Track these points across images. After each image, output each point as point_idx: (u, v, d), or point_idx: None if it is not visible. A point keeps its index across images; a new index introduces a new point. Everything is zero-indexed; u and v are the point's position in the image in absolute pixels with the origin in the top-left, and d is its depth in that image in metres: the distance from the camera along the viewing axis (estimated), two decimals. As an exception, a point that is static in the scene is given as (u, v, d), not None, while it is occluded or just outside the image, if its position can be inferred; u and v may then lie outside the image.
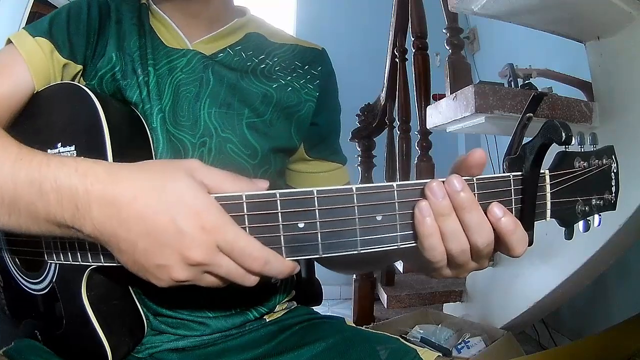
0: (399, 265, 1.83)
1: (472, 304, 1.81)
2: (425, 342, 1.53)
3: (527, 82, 1.45)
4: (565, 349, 1.43)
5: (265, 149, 0.60)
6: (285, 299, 0.68)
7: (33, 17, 2.57)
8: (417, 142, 1.72)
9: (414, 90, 1.78)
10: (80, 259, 0.46)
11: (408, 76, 1.94)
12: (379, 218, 0.37)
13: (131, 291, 0.54)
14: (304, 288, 0.73)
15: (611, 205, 0.44)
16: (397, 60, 2.01)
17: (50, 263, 0.51)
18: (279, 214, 0.37)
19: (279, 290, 0.66)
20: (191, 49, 0.61)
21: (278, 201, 0.37)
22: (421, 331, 1.64)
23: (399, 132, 1.90)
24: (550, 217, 0.41)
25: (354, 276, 2.04)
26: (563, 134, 0.37)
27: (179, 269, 0.36)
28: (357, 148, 2.25)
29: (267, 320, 0.64)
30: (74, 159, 0.38)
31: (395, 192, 0.37)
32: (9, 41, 0.55)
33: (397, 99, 1.99)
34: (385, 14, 2.22)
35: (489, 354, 1.41)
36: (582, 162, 0.41)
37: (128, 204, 0.35)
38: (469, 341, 1.52)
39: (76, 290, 0.49)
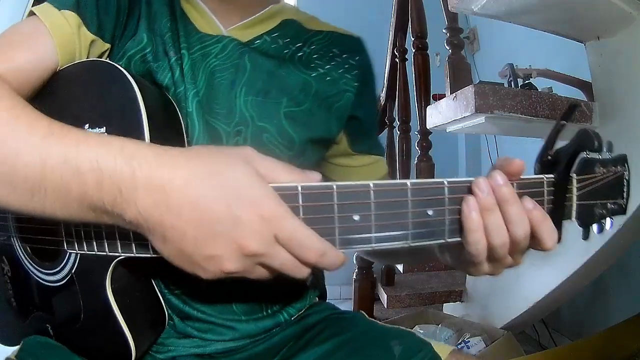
0: (399, 265, 1.83)
1: (472, 304, 1.81)
2: (425, 342, 1.53)
3: (527, 82, 1.45)
4: (565, 349, 1.43)
5: (303, 139, 0.58)
6: (314, 301, 0.66)
7: (33, 17, 2.57)
8: (417, 142, 1.72)
9: (414, 90, 1.78)
10: (107, 249, 0.44)
11: (408, 76, 1.94)
12: (430, 212, 0.39)
13: (154, 284, 0.52)
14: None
15: (622, 210, 0.47)
16: (397, 60, 2.01)
17: (70, 253, 0.48)
18: (335, 205, 0.37)
19: (309, 290, 0.65)
20: (226, 35, 0.58)
21: (335, 193, 0.36)
22: (421, 331, 1.64)
23: (399, 132, 1.90)
24: (575, 218, 0.45)
25: (354, 276, 2.04)
26: (596, 142, 0.41)
27: (232, 259, 0.34)
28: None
29: (291, 319, 0.62)
30: (119, 139, 0.35)
31: (446, 188, 0.39)
32: (32, 13, 0.51)
33: (397, 99, 1.99)
34: (385, 14, 2.22)
35: (489, 354, 1.41)
36: (601, 169, 0.45)
37: (180, 189, 0.33)
38: (469, 341, 1.52)
39: (99, 282, 0.46)
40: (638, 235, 1.20)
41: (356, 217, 0.37)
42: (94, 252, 0.45)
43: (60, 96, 0.49)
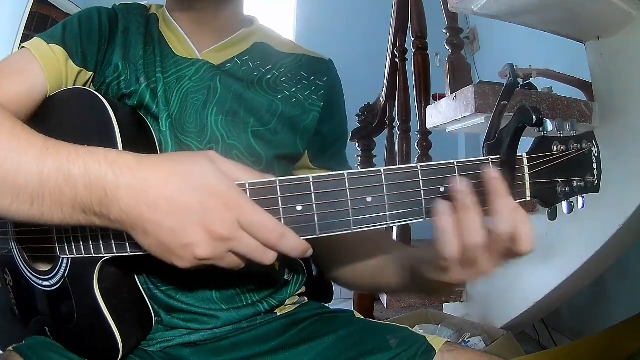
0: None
1: (472, 304, 1.81)
2: (425, 342, 1.53)
3: (527, 82, 1.45)
4: (565, 349, 1.43)
5: (269, 156, 0.62)
6: (296, 293, 0.69)
7: (33, 17, 2.57)
8: (417, 142, 1.72)
9: (414, 90, 1.78)
10: (93, 251, 0.48)
11: (408, 76, 1.94)
12: (369, 200, 0.41)
13: (138, 284, 0.56)
14: (315, 285, 0.74)
15: (594, 187, 0.46)
16: (397, 60, 2.01)
17: (62, 258, 0.52)
18: (279, 198, 0.40)
19: (290, 283, 0.67)
20: (200, 58, 0.63)
21: (278, 187, 0.41)
22: (421, 331, 1.63)
23: (399, 132, 1.90)
24: (531, 197, 0.45)
25: (354, 276, 2.04)
26: (534, 117, 0.41)
27: (203, 244, 0.39)
28: (357, 148, 2.25)
29: (279, 314, 0.65)
30: (104, 149, 0.41)
31: (383, 175, 0.41)
32: (23, 47, 0.57)
33: (397, 99, 1.99)
34: (385, 14, 2.22)
35: (489, 354, 1.41)
36: (560, 146, 0.45)
37: (156, 187, 0.38)
38: (469, 341, 1.52)
39: (88, 284, 0.50)
40: (638, 235, 1.20)
41: (299, 208, 0.40)
42: (82, 255, 0.49)
43: (47, 120, 0.55)
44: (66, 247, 0.50)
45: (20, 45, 0.60)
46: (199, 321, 0.59)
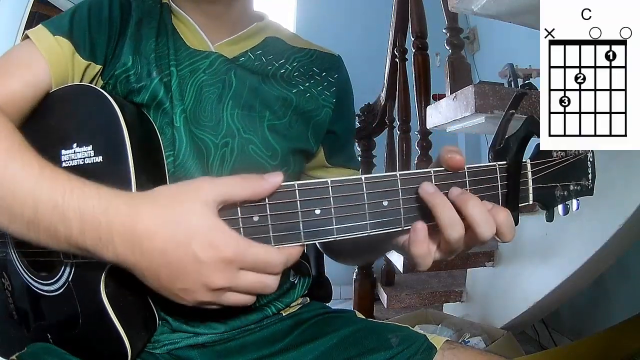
0: (399, 265, 1.83)
1: (472, 304, 1.81)
2: (425, 342, 1.53)
3: (527, 82, 1.45)
4: (565, 349, 1.43)
5: (285, 150, 0.62)
6: (302, 294, 0.69)
7: (33, 17, 2.57)
8: (417, 142, 1.72)
9: (414, 90, 1.78)
10: None
11: (408, 76, 1.93)
12: (385, 203, 0.42)
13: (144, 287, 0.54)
14: (314, 285, 0.74)
15: (588, 191, 0.49)
16: (397, 60, 2.01)
17: (66, 263, 0.51)
18: (297, 202, 0.41)
19: (297, 286, 0.68)
20: (214, 51, 0.62)
21: (297, 191, 0.41)
22: (421, 331, 1.63)
23: (399, 132, 1.90)
24: (533, 201, 0.47)
25: (354, 276, 2.04)
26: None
27: (202, 293, 0.39)
28: (357, 148, 2.25)
29: (284, 314, 0.65)
30: (96, 189, 0.40)
31: (399, 180, 0.42)
32: (27, 36, 0.54)
33: (397, 99, 1.98)
34: (385, 14, 2.21)
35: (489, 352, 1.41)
36: (559, 152, 0.47)
37: (149, 238, 0.38)
38: (469, 341, 1.52)
39: (95, 288, 0.49)
40: (638, 235, 1.20)
41: (317, 212, 0.41)
42: (87, 260, 0.47)
43: (52, 117, 0.53)
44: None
45: (23, 33, 0.55)
46: (207, 326, 0.58)
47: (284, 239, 0.42)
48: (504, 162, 0.45)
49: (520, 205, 0.45)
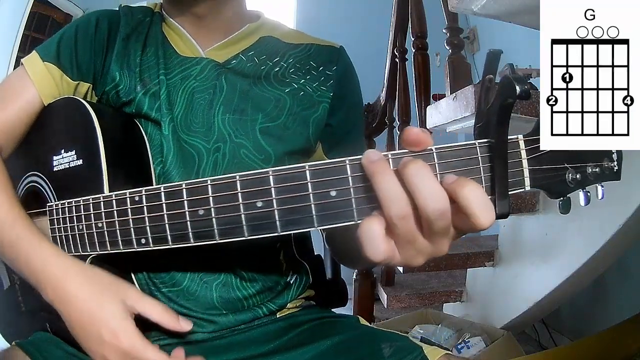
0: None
1: (472, 304, 1.81)
2: (425, 342, 1.51)
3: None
4: (565, 349, 1.44)
5: (279, 153, 0.61)
6: (299, 296, 0.67)
7: (33, 17, 2.57)
8: (417, 142, 1.72)
9: (414, 90, 1.78)
10: (81, 249, 0.52)
11: (408, 76, 1.94)
12: (333, 193, 0.37)
13: (134, 279, 0.56)
14: (329, 289, 0.73)
15: (614, 175, 0.38)
16: (397, 60, 2.01)
17: None
18: (239, 194, 0.39)
19: (292, 286, 0.66)
20: (204, 57, 0.62)
21: (237, 182, 0.39)
22: (421, 331, 1.64)
23: (399, 132, 1.90)
24: (532, 187, 0.37)
25: (354, 276, 2.04)
26: (517, 88, 0.33)
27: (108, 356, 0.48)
28: (357, 148, 2.24)
29: (278, 316, 0.64)
30: (41, 261, 0.50)
31: (348, 166, 0.36)
32: (21, 63, 0.60)
33: (397, 99, 1.99)
34: (385, 14, 2.22)
35: (489, 354, 1.41)
36: None
37: (70, 303, 0.49)
38: (469, 341, 1.52)
39: None
40: (638, 235, 1.20)
41: (259, 204, 0.39)
42: (72, 253, 0.52)
43: (44, 128, 0.61)
44: (65, 247, 0.53)
45: (19, 51, 0.62)
46: (197, 324, 0.58)
47: (227, 232, 0.40)
48: (486, 140, 0.36)
49: (514, 191, 0.36)
